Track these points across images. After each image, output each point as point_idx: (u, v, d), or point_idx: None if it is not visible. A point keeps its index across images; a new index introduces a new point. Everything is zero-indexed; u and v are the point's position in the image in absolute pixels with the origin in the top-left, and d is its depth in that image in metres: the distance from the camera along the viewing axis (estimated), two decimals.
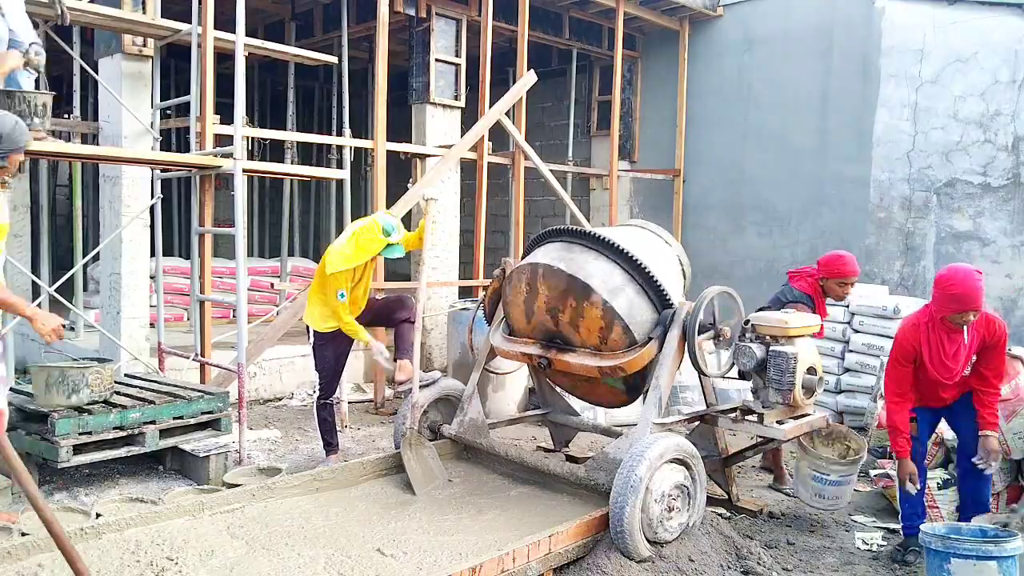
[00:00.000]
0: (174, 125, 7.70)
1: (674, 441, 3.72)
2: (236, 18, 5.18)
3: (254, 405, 6.57)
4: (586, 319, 4.08)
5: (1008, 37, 7.39)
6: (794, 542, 4.09)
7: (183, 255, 9.76)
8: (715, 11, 9.34)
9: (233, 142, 5.25)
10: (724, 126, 9.39)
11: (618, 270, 4.06)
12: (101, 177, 6.35)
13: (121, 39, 5.83)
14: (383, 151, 6.95)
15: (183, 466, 4.79)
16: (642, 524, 3.51)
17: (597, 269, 4.07)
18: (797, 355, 3.93)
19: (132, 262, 6.11)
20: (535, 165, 8.28)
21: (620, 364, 4.03)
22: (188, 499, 3.90)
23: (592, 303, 4.01)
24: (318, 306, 4.77)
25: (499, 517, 3.86)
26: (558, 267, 4.11)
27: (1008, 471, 4.40)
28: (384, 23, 6.83)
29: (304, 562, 3.32)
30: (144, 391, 4.75)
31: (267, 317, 7.71)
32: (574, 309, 4.09)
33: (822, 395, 5.94)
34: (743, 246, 9.26)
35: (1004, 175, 7.42)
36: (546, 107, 11.29)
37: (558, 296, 4.15)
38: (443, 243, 8.14)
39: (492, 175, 8.66)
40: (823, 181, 8.52)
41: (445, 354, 7.73)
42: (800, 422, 4.13)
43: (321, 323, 4.77)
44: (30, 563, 3.12)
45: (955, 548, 3.27)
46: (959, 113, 7.61)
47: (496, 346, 4.70)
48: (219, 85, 6.11)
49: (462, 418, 4.71)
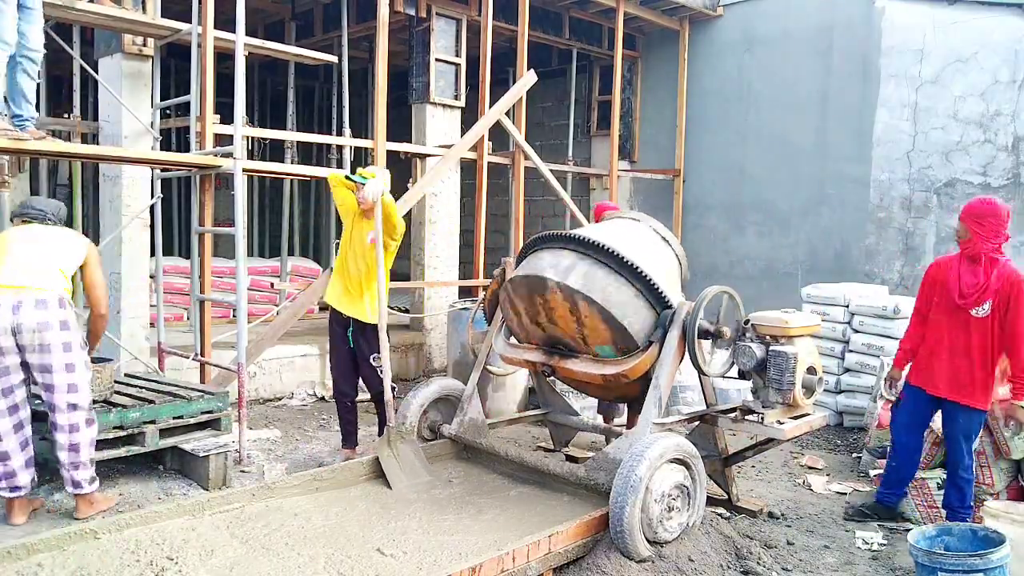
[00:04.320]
0: (174, 125, 7.71)
1: (674, 441, 3.72)
2: (236, 18, 5.18)
3: (254, 405, 6.57)
4: (586, 326, 4.08)
5: (1008, 37, 7.39)
6: (794, 542, 4.09)
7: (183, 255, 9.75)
8: (715, 11, 9.35)
9: (233, 142, 5.25)
10: (724, 126, 9.39)
11: (615, 275, 4.05)
12: (101, 177, 6.35)
13: (121, 39, 5.83)
14: (383, 151, 6.95)
15: (183, 466, 4.78)
16: (642, 524, 3.51)
17: (594, 276, 4.05)
18: (797, 355, 3.93)
19: (132, 262, 6.10)
20: (535, 165, 8.29)
21: (623, 371, 4.04)
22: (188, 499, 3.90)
23: (591, 311, 4.01)
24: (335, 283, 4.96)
25: (499, 517, 3.86)
26: (562, 281, 4.06)
27: (1008, 471, 4.40)
28: (384, 23, 6.83)
29: (304, 562, 3.32)
30: (144, 391, 4.75)
31: (267, 317, 7.71)
32: (573, 317, 4.09)
33: (822, 395, 5.94)
34: (743, 246, 9.27)
35: (1004, 175, 7.42)
36: (546, 107, 11.29)
37: (556, 305, 4.14)
38: (443, 243, 8.15)
39: (492, 175, 8.67)
40: (823, 181, 8.53)
41: (445, 354, 7.73)
42: (800, 422, 4.12)
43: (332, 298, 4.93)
44: (30, 563, 3.12)
45: (940, 563, 3.26)
46: (959, 113, 7.62)
47: (499, 352, 4.70)
48: (219, 85, 6.11)
49: (462, 418, 4.71)
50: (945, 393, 4.10)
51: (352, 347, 4.89)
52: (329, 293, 4.98)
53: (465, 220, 9.21)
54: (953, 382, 4.07)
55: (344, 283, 4.88)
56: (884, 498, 4.43)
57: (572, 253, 4.18)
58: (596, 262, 4.09)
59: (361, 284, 4.81)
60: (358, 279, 4.81)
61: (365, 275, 4.79)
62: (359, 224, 4.84)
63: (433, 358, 8.11)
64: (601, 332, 4.05)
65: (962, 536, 3.44)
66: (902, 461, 4.34)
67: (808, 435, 5.51)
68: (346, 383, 4.97)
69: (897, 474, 4.37)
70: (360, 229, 4.82)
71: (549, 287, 4.10)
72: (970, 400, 4.05)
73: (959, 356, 4.06)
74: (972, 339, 4.03)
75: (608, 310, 3.97)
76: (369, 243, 4.73)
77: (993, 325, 3.97)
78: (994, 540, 3.32)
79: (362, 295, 4.82)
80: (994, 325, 3.97)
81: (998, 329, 3.97)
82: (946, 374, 4.09)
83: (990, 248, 3.98)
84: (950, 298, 4.08)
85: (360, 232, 4.82)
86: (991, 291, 3.95)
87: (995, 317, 3.96)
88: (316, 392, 7.04)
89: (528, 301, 4.28)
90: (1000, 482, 4.38)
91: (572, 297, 4.03)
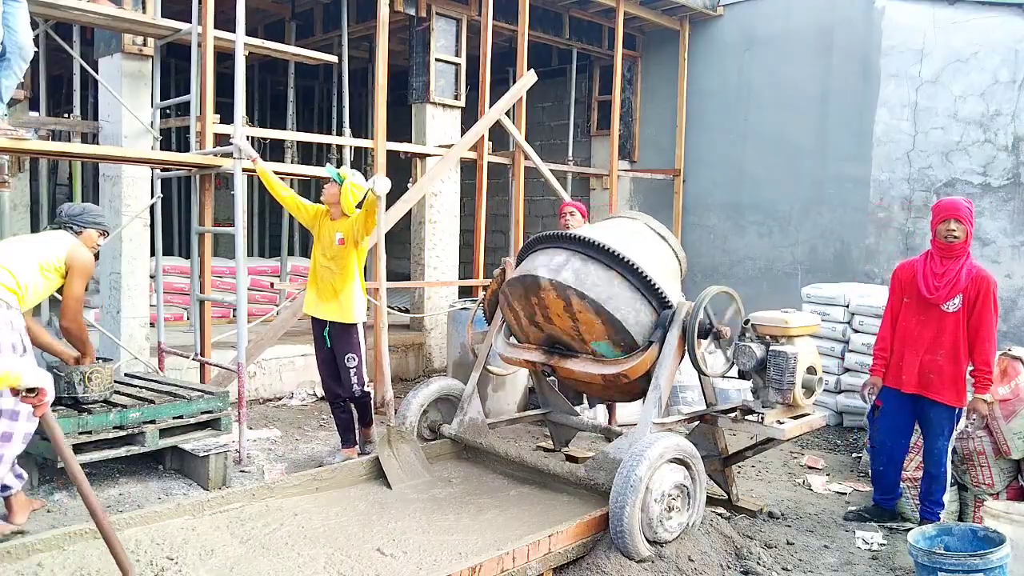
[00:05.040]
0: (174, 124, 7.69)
1: (674, 441, 3.72)
2: (236, 18, 5.18)
3: (254, 405, 6.57)
4: (581, 322, 4.08)
5: (1008, 37, 7.39)
6: (794, 542, 4.09)
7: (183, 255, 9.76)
8: (715, 11, 9.34)
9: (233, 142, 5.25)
10: (724, 126, 9.39)
11: (608, 271, 4.05)
12: (101, 176, 6.34)
13: (121, 38, 5.83)
14: (383, 151, 6.95)
15: (183, 466, 4.78)
16: (642, 524, 3.51)
17: (586, 272, 4.05)
18: (797, 355, 3.93)
19: (132, 261, 6.10)
20: (535, 165, 8.29)
21: (623, 371, 4.04)
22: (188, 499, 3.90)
23: (583, 305, 4.01)
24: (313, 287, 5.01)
25: (499, 517, 3.86)
26: (554, 279, 4.07)
27: (1008, 471, 4.40)
28: (384, 23, 6.82)
29: (304, 562, 3.32)
30: (144, 391, 4.75)
31: (267, 317, 7.71)
32: (567, 313, 4.09)
33: (822, 395, 5.94)
34: (743, 246, 9.27)
35: (1004, 175, 7.42)
36: (546, 107, 11.29)
37: (550, 303, 4.13)
38: (443, 243, 8.15)
39: (492, 175, 8.66)
40: (823, 181, 8.52)
41: (445, 354, 7.73)
42: (800, 422, 4.12)
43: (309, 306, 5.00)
44: (30, 563, 3.12)
45: (940, 563, 3.26)
46: (959, 113, 7.62)
47: (499, 352, 4.71)
48: (219, 85, 6.11)
49: (462, 418, 4.71)
50: (915, 389, 4.17)
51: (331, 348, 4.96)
52: (306, 302, 5.05)
53: (465, 220, 9.21)
54: (923, 378, 4.15)
55: (317, 288, 4.94)
56: (882, 502, 4.45)
57: (566, 251, 4.18)
58: (589, 259, 4.09)
59: (333, 285, 4.86)
60: (330, 281, 4.87)
61: (338, 276, 4.84)
62: (326, 226, 4.92)
63: (433, 358, 8.10)
64: (596, 327, 4.05)
65: (962, 536, 3.44)
66: (886, 465, 4.37)
67: (808, 435, 5.51)
68: (335, 383, 5.01)
69: (885, 479, 4.40)
70: (329, 231, 4.90)
71: (542, 285, 4.11)
72: (939, 396, 4.11)
73: (928, 352, 4.13)
74: (941, 335, 4.10)
75: (599, 303, 3.96)
76: (339, 243, 4.82)
77: (962, 321, 4.05)
78: (994, 540, 3.32)
79: (336, 296, 4.86)
80: (963, 321, 4.05)
81: (966, 325, 4.06)
82: (916, 371, 4.16)
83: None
84: (920, 295, 4.14)
85: (329, 234, 4.89)
86: (961, 287, 4.04)
87: (964, 313, 4.05)
88: (316, 392, 7.04)
89: (525, 301, 4.28)
90: (1000, 482, 4.37)
91: (565, 293, 4.03)
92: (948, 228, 4.07)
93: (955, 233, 4.07)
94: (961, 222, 4.06)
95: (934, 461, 4.17)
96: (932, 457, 4.18)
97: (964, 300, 4.04)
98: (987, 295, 4.02)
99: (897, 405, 4.26)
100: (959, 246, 4.09)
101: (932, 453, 4.18)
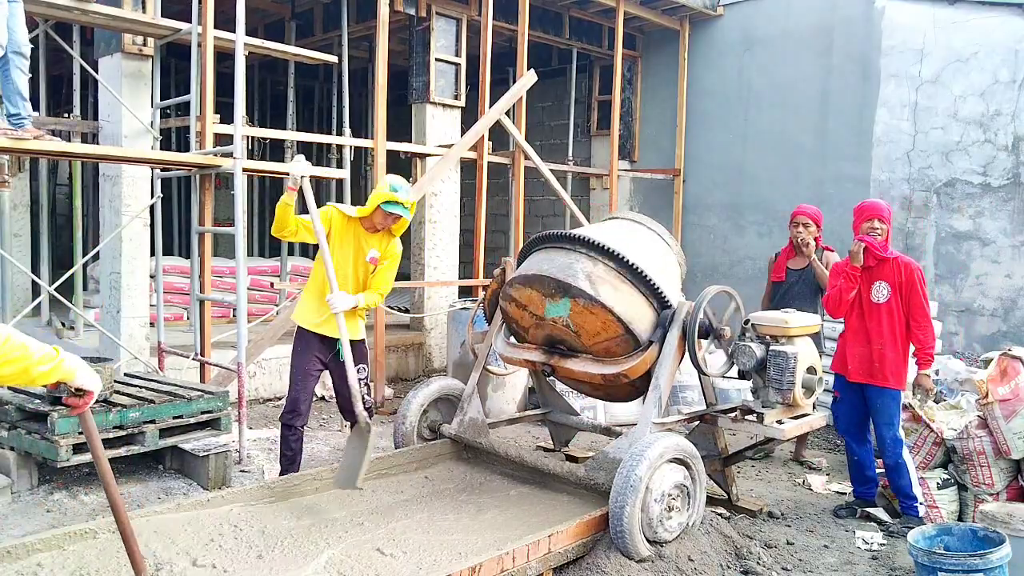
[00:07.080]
0: (174, 124, 7.70)
1: (674, 441, 3.72)
2: (236, 17, 5.18)
3: (254, 404, 6.58)
4: (586, 326, 4.07)
5: (1008, 37, 7.39)
6: (794, 542, 4.09)
7: (183, 254, 9.76)
8: (715, 11, 9.34)
9: (233, 141, 5.25)
10: (724, 126, 9.39)
11: (608, 270, 4.05)
12: (101, 176, 6.35)
13: (121, 38, 5.83)
14: (383, 151, 6.95)
15: (183, 465, 4.78)
16: (642, 524, 3.51)
17: (595, 276, 4.04)
18: (797, 355, 3.94)
19: (132, 261, 6.10)
20: (535, 165, 8.29)
21: (623, 370, 4.03)
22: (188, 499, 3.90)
23: (591, 311, 4.00)
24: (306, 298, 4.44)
25: (499, 517, 3.86)
26: (555, 277, 4.07)
27: (1008, 471, 4.40)
28: (384, 22, 6.83)
29: (304, 562, 3.32)
30: (144, 390, 4.75)
31: (267, 317, 7.71)
32: (573, 317, 4.09)
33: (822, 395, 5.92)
34: (743, 246, 9.26)
35: (1004, 175, 7.42)
36: (546, 107, 11.29)
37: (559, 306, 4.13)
38: (443, 243, 8.15)
39: (492, 175, 8.67)
40: (823, 181, 8.52)
41: (445, 354, 7.73)
42: (800, 422, 4.13)
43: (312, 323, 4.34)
44: (29, 563, 3.11)
45: (940, 563, 3.26)
46: (959, 113, 7.62)
47: (499, 352, 4.70)
48: (219, 84, 6.11)
49: (462, 418, 4.71)
50: (857, 377, 4.44)
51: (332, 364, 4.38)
52: (307, 317, 4.32)
53: (465, 220, 9.21)
54: (864, 366, 4.40)
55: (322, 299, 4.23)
56: (862, 494, 4.62)
57: (567, 251, 4.19)
58: (589, 258, 4.09)
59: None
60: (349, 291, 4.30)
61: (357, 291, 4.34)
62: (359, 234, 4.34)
63: (433, 358, 8.11)
64: (595, 326, 4.05)
65: (962, 536, 3.44)
66: (856, 454, 4.57)
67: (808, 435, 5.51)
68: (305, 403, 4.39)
69: (859, 470, 4.58)
70: (361, 241, 4.34)
71: (543, 284, 4.11)
72: (879, 380, 4.35)
73: (864, 343, 4.41)
74: (879, 326, 4.37)
75: (600, 300, 3.96)
76: (370, 261, 4.34)
77: (896, 310, 4.34)
78: (994, 540, 3.32)
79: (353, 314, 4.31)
80: (897, 310, 4.34)
81: (901, 313, 4.34)
82: (856, 360, 4.44)
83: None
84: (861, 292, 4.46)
85: (361, 245, 4.34)
86: (883, 276, 4.36)
87: (896, 302, 4.34)
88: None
89: (525, 300, 4.28)
90: (1000, 482, 4.37)
91: (570, 293, 4.03)
92: (872, 227, 4.39)
93: (878, 231, 4.39)
94: (883, 221, 4.41)
95: (888, 452, 4.34)
96: (885, 448, 4.34)
97: (893, 290, 4.34)
98: (914, 282, 4.32)
99: (847, 393, 4.54)
100: (883, 242, 4.40)
101: (885, 443, 4.34)
